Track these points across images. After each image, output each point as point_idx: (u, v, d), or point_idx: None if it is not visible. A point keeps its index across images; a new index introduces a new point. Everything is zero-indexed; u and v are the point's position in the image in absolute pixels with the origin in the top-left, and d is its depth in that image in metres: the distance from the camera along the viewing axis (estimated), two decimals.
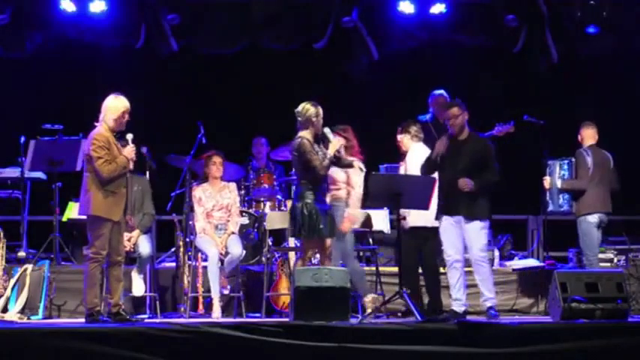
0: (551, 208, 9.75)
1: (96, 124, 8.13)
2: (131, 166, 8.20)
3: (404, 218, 8.69)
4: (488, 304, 8.54)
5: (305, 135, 8.42)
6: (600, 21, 11.17)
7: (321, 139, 8.51)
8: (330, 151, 8.38)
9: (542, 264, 10.16)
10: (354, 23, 11.17)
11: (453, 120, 8.53)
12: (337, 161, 8.47)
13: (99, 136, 8.05)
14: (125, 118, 8.12)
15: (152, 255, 9.41)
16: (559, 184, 9.58)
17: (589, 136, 9.67)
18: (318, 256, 8.76)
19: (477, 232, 8.47)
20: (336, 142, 8.41)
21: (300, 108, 8.49)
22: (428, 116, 10.54)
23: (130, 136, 8.27)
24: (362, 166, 8.95)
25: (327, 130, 8.49)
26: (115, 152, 8.06)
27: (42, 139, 10.00)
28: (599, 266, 9.58)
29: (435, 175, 8.58)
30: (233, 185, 9.70)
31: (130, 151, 8.14)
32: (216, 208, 9.45)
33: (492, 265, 10.01)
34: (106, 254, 8.05)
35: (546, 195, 9.75)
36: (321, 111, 8.48)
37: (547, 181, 9.66)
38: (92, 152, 8.00)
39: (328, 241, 8.51)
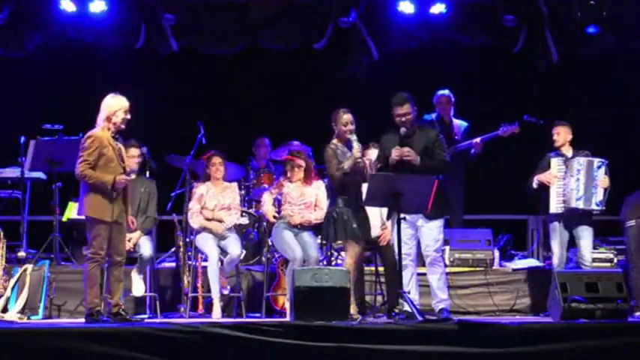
0: (589, 206, 9.24)
1: (95, 125, 8.16)
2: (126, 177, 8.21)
3: (404, 219, 8.67)
4: (441, 305, 8.39)
5: (333, 142, 8.53)
6: (600, 21, 11.16)
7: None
8: (345, 165, 8.42)
9: (542, 264, 10.16)
10: (354, 23, 11.17)
11: (406, 117, 8.40)
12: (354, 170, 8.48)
13: (88, 135, 8.06)
14: (120, 117, 8.08)
15: (153, 256, 9.41)
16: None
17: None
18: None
19: (432, 231, 8.37)
20: (355, 152, 8.42)
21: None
22: (434, 115, 10.58)
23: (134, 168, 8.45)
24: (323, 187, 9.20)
25: (353, 137, 8.49)
26: (109, 154, 8.02)
27: (42, 139, 10.00)
28: None
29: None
30: (235, 185, 9.71)
31: (122, 179, 8.05)
32: (218, 208, 9.45)
33: (492, 265, 10.03)
34: (106, 254, 8.05)
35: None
36: (344, 115, 8.51)
37: (605, 181, 9.26)
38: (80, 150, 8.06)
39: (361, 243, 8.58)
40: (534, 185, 9.43)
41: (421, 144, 8.39)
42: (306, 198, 9.24)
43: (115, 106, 8.10)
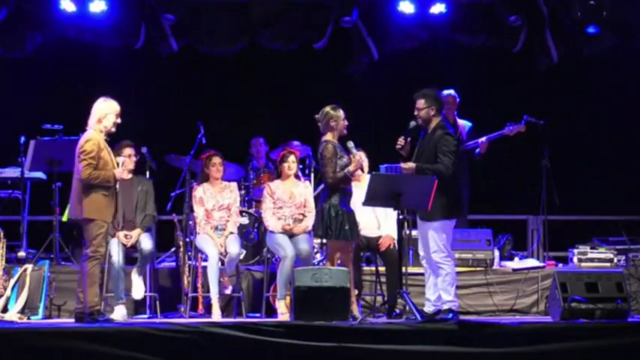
0: None
1: (86, 128, 8.20)
2: (124, 175, 8.27)
3: (404, 219, 8.68)
4: (445, 306, 8.22)
5: (329, 139, 8.46)
6: (600, 21, 11.15)
7: (345, 150, 8.51)
8: (351, 168, 8.39)
9: (542, 264, 10.16)
10: (354, 23, 11.17)
11: (417, 111, 8.41)
12: (351, 178, 8.47)
13: (87, 138, 8.13)
14: (111, 120, 8.20)
15: (154, 251, 9.41)
16: None
17: None
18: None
19: (431, 233, 8.25)
20: (358, 159, 8.41)
21: (319, 113, 8.53)
22: None
23: (123, 158, 8.48)
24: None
25: (350, 144, 8.48)
26: (105, 157, 8.13)
27: (42, 139, 9.99)
28: None
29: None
30: (234, 185, 9.70)
31: (120, 171, 8.20)
32: (217, 207, 9.44)
33: (492, 265, 10.02)
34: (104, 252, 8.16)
35: None
36: (341, 113, 8.49)
37: None
38: (78, 155, 8.09)
39: (352, 244, 8.55)
40: None
41: (431, 143, 8.34)
42: (296, 199, 9.25)
43: (106, 109, 8.21)
